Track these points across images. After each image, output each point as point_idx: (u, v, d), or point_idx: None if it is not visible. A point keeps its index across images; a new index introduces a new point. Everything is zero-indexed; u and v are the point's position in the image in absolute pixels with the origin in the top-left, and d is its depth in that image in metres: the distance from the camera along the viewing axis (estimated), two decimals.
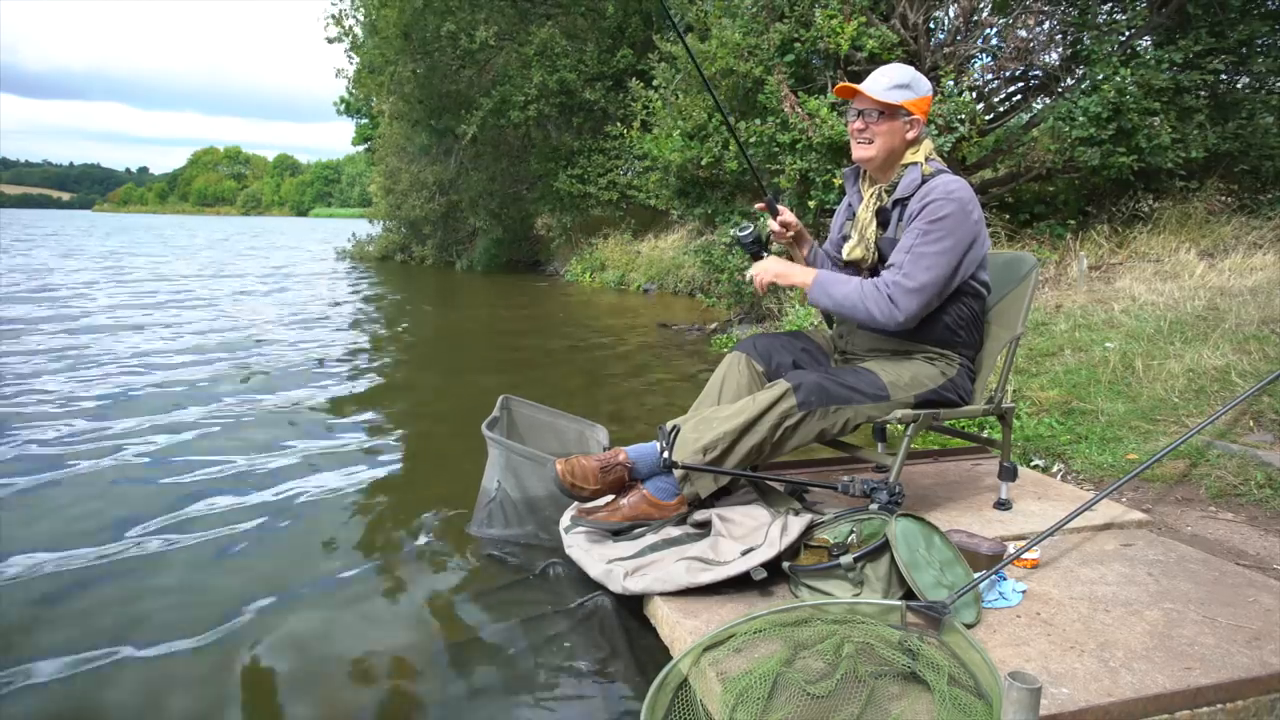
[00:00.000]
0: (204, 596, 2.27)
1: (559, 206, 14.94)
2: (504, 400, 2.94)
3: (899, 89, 2.24)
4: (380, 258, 18.81)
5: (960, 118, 5.59)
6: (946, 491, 2.66)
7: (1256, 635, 1.75)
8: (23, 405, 4.26)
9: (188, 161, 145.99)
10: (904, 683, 1.49)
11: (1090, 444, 3.22)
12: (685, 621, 1.81)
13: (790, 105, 6.01)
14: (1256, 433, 3.11)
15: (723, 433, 2.13)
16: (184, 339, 6.60)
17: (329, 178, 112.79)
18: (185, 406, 4.34)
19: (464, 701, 1.82)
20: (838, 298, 2.25)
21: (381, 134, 18.76)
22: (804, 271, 2.34)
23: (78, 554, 2.50)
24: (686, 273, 11.01)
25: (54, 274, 12.72)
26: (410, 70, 13.65)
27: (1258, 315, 3.97)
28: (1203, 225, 5.92)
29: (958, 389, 2.34)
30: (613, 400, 4.78)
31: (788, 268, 2.35)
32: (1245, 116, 5.96)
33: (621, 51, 13.57)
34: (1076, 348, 4.13)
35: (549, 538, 2.52)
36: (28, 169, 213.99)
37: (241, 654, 1.98)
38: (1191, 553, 2.24)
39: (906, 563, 1.77)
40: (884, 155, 2.28)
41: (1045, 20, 6.13)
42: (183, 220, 72.45)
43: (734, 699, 1.45)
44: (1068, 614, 1.84)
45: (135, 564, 2.46)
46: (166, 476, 3.22)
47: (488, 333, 7.81)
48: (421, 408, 4.62)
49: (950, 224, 2.17)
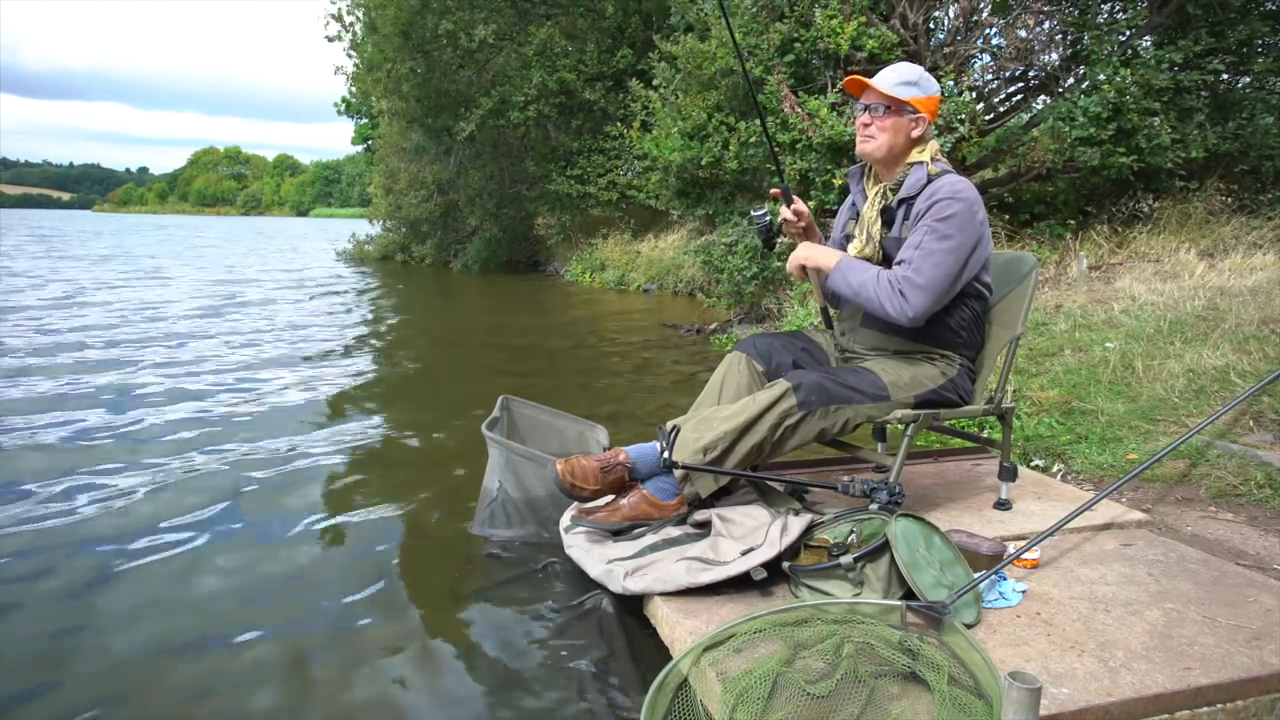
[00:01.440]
0: (201, 596, 2.27)
1: (558, 206, 14.94)
2: (504, 400, 2.94)
3: (906, 85, 2.25)
4: (380, 258, 18.80)
5: (960, 118, 5.59)
6: (946, 491, 2.66)
7: (1257, 635, 1.74)
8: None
9: (188, 162, 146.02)
10: (904, 683, 1.49)
11: (1090, 444, 3.22)
12: (685, 621, 1.81)
13: (790, 105, 6.01)
14: (1256, 433, 3.11)
15: (723, 432, 2.13)
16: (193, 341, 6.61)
17: (329, 178, 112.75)
18: (185, 407, 4.34)
19: (464, 701, 1.82)
20: (855, 285, 2.26)
21: (381, 134, 18.77)
22: (830, 253, 2.35)
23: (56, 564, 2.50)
24: (686, 273, 11.01)
25: (88, 292, 12.70)
26: (408, 69, 13.65)
27: (1257, 315, 3.97)
28: (1203, 225, 5.92)
29: (958, 389, 2.34)
30: (613, 400, 4.78)
31: (815, 250, 2.37)
32: (1245, 116, 5.96)
33: (621, 51, 13.57)
34: (1076, 348, 4.13)
35: (549, 538, 2.52)
36: (28, 169, 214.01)
37: (238, 654, 1.98)
38: (1191, 553, 2.24)
39: (906, 563, 1.77)
40: (887, 151, 2.28)
41: (1045, 20, 6.12)
42: (185, 220, 72.40)
43: (734, 699, 1.45)
44: (1068, 614, 1.84)
45: (133, 564, 2.46)
46: (167, 477, 3.23)
47: (487, 333, 7.81)
48: (421, 408, 4.62)
49: (958, 222, 2.18)
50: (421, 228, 17.47)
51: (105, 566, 2.43)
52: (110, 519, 2.79)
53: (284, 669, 1.92)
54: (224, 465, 3.38)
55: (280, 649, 2.01)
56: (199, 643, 2.03)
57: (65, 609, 2.19)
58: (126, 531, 2.68)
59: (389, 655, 1.99)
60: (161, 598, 2.25)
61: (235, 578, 2.38)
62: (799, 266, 2.41)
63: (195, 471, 3.29)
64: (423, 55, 13.60)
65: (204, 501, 2.96)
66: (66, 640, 2.03)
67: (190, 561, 2.48)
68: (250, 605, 2.22)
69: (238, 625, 2.11)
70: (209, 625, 2.11)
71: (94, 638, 2.05)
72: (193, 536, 2.66)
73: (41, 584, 2.32)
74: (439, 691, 1.85)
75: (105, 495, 3.01)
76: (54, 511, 2.84)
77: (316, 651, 2.00)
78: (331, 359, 5.97)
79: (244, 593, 2.29)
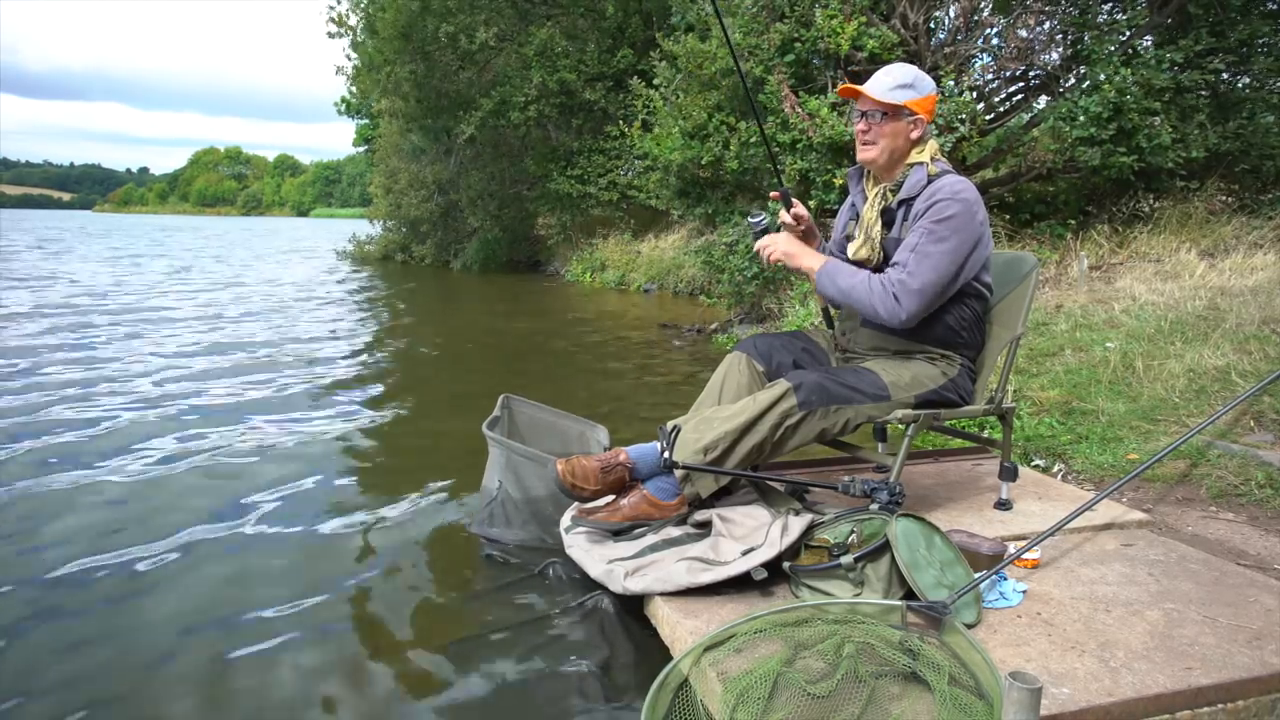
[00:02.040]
0: (199, 596, 2.27)
1: (558, 206, 14.94)
2: (505, 400, 2.94)
3: (902, 89, 2.24)
4: (381, 258, 18.80)
5: (961, 118, 5.58)
6: (947, 491, 2.66)
7: (1257, 635, 1.74)
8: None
9: (188, 162, 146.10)
10: (904, 683, 1.48)
11: (1091, 444, 3.22)
12: (686, 621, 1.81)
13: (790, 105, 6.01)
14: (1257, 433, 3.11)
15: (723, 432, 2.13)
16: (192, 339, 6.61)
17: (329, 178, 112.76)
18: (181, 407, 4.34)
19: (464, 701, 1.82)
20: (844, 288, 2.25)
21: (382, 133, 18.77)
22: (813, 256, 2.33)
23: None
24: (687, 273, 11.01)
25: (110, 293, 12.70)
26: (409, 70, 13.65)
27: (1258, 315, 3.97)
28: (1203, 225, 5.92)
29: (958, 389, 2.34)
30: (613, 400, 4.78)
31: (798, 248, 2.35)
32: (1246, 116, 5.96)
33: (622, 51, 13.58)
34: (1077, 348, 4.13)
35: (549, 538, 2.51)
36: (28, 169, 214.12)
37: (237, 654, 1.98)
38: (1192, 553, 2.24)
39: (907, 563, 1.77)
40: (888, 156, 2.28)
41: (1046, 20, 6.12)
42: (186, 220, 72.41)
43: (734, 699, 1.45)
44: (1068, 614, 1.83)
45: (129, 565, 2.46)
46: (164, 476, 3.23)
47: (487, 332, 7.81)
48: (421, 407, 4.62)
49: (956, 224, 2.17)
50: (421, 228, 17.47)
51: (105, 563, 2.43)
52: (107, 515, 2.79)
53: (279, 668, 1.92)
54: (222, 466, 3.38)
55: (274, 648, 2.00)
56: (189, 641, 2.03)
57: (67, 611, 2.19)
58: (126, 532, 2.68)
59: (388, 655, 1.98)
60: (160, 597, 2.25)
61: (234, 577, 2.38)
62: (775, 259, 2.36)
63: (194, 471, 3.29)
64: (423, 56, 13.60)
65: (202, 501, 2.96)
66: (68, 644, 2.03)
67: (189, 561, 2.48)
68: (250, 605, 2.22)
69: (235, 625, 2.11)
70: (206, 625, 2.11)
71: (93, 639, 2.05)
72: (192, 536, 2.66)
73: (60, 585, 2.32)
74: (438, 691, 1.85)
75: (103, 494, 3.01)
76: (55, 512, 2.84)
77: (315, 651, 2.00)
78: (330, 358, 5.97)
79: (243, 592, 2.29)
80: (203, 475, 3.25)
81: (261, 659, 1.96)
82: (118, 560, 2.47)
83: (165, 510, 2.87)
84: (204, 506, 2.92)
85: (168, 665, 1.93)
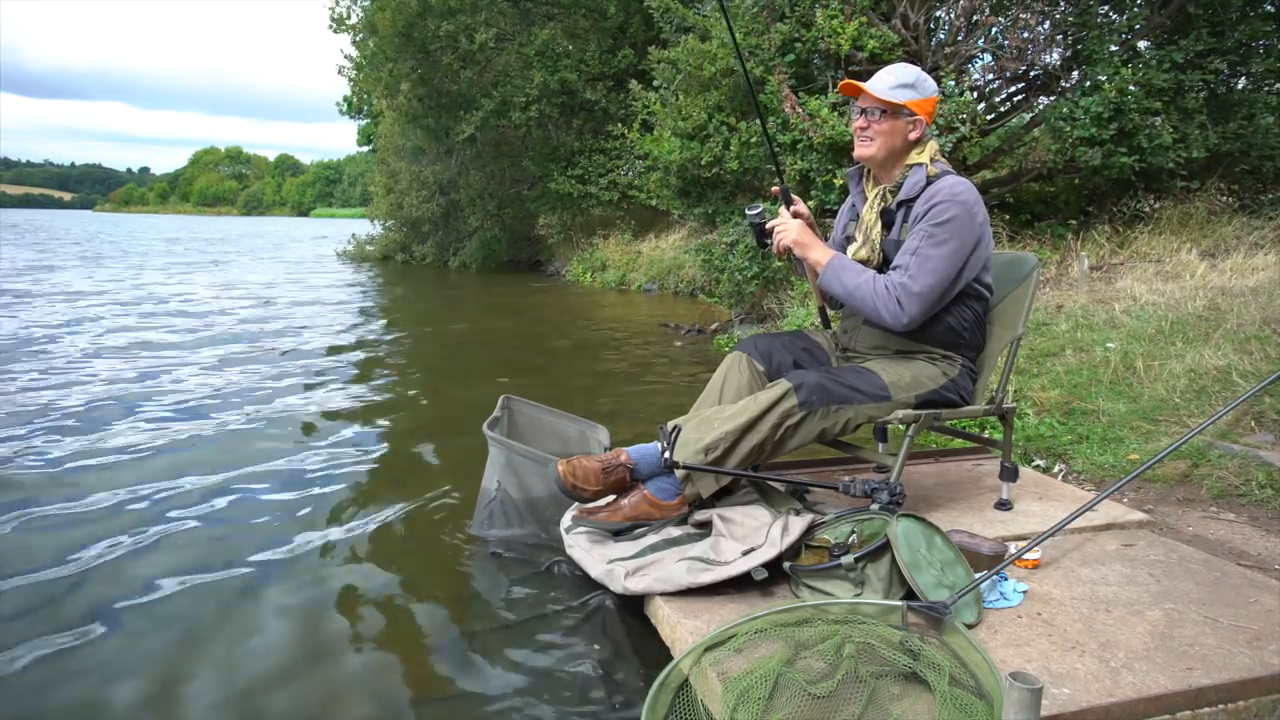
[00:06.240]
0: (196, 597, 2.27)
1: (559, 206, 14.94)
2: (505, 400, 2.94)
3: (902, 88, 2.24)
4: (381, 258, 18.81)
5: (961, 118, 5.58)
6: (947, 492, 2.66)
7: (1258, 636, 1.74)
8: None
9: (189, 161, 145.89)
10: (905, 683, 1.48)
11: (1091, 444, 3.22)
12: (686, 621, 1.81)
13: (791, 105, 6.00)
14: (1258, 433, 3.11)
15: (724, 433, 2.13)
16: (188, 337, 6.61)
17: (330, 178, 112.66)
18: (183, 407, 4.34)
19: (464, 701, 1.82)
20: (849, 286, 2.25)
21: (383, 133, 18.78)
22: (823, 249, 2.34)
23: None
24: (687, 273, 11.01)
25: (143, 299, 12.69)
26: (409, 70, 13.65)
27: (1259, 315, 3.97)
28: (1204, 225, 5.92)
29: (959, 389, 2.34)
30: (614, 400, 4.78)
31: (810, 239, 2.35)
32: (1246, 116, 5.96)
33: (623, 52, 13.58)
34: (1078, 348, 4.13)
35: (549, 538, 2.51)
36: (29, 169, 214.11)
37: (237, 654, 1.98)
38: (1193, 553, 2.24)
39: (907, 563, 1.77)
40: (885, 154, 2.28)
41: (1046, 20, 6.12)
42: (188, 221, 72.46)
43: (735, 699, 1.44)
44: (1069, 614, 1.83)
45: (130, 564, 2.46)
46: (165, 475, 3.23)
47: (488, 332, 7.81)
48: (421, 407, 4.62)
49: (955, 226, 2.17)
50: (422, 227, 17.47)
51: (105, 566, 2.43)
52: (108, 518, 2.79)
53: (279, 668, 1.92)
54: (221, 466, 3.38)
55: (274, 648, 2.00)
56: (188, 641, 2.03)
57: (67, 617, 2.19)
58: (127, 533, 2.68)
59: (388, 655, 1.98)
60: (159, 596, 2.25)
61: (230, 578, 2.38)
62: (786, 250, 2.38)
63: (192, 473, 3.29)
64: (424, 56, 13.60)
65: (200, 501, 2.96)
66: (67, 650, 2.03)
67: (187, 560, 2.48)
68: (249, 604, 2.22)
69: (229, 625, 2.11)
70: (205, 626, 2.11)
71: (90, 644, 2.05)
72: (190, 538, 2.66)
73: (56, 591, 2.32)
74: (438, 691, 1.85)
75: (99, 494, 3.01)
76: (56, 511, 2.85)
77: (314, 651, 2.00)
78: (330, 358, 5.97)
79: (241, 592, 2.29)
80: (200, 476, 3.25)
81: (260, 659, 1.96)
82: (118, 560, 2.48)
83: (165, 510, 2.87)
84: (203, 507, 2.92)
85: (165, 666, 1.93)
